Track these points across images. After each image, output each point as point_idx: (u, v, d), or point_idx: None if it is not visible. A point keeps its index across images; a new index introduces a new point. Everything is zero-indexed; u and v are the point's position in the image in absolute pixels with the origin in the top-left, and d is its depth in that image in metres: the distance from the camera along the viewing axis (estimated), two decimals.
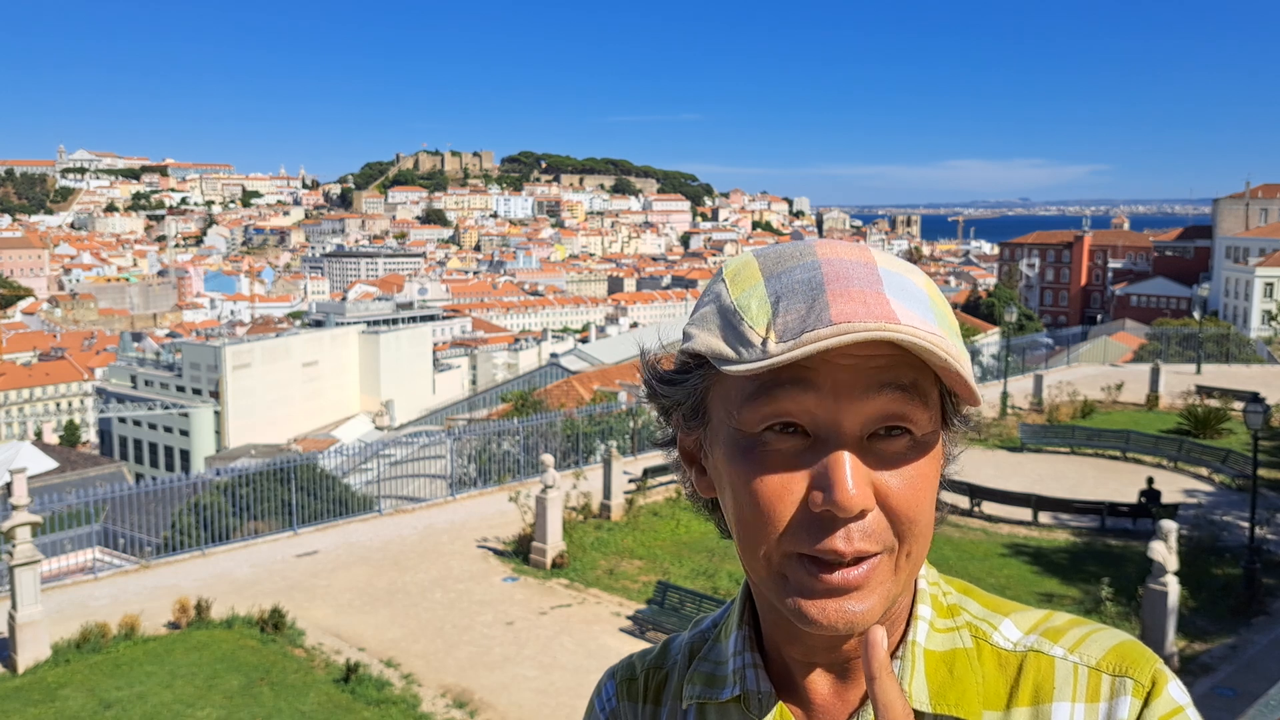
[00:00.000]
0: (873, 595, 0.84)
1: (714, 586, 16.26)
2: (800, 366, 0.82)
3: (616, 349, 67.00)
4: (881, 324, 0.79)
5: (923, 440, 0.85)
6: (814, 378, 0.82)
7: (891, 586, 0.86)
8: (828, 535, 0.82)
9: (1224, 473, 22.57)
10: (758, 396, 0.84)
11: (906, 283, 0.85)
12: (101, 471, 43.84)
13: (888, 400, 0.83)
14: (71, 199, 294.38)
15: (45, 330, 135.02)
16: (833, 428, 0.83)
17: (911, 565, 0.87)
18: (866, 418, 0.83)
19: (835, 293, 0.82)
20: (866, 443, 0.84)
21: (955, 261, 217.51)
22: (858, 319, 0.79)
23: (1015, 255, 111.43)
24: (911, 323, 0.80)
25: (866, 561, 0.84)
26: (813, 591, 0.84)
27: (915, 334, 0.79)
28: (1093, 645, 0.90)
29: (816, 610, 0.84)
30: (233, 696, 12.65)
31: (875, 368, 0.82)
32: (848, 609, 0.84)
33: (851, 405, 0.82)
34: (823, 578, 0.83)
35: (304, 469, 20.82)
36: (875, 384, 0.82)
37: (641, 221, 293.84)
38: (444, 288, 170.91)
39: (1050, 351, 42.68)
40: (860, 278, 0.84)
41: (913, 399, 0.83)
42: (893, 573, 0.86)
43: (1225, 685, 12.64)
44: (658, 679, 1.11)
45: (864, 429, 0.83)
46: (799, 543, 0.84)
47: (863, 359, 0.82)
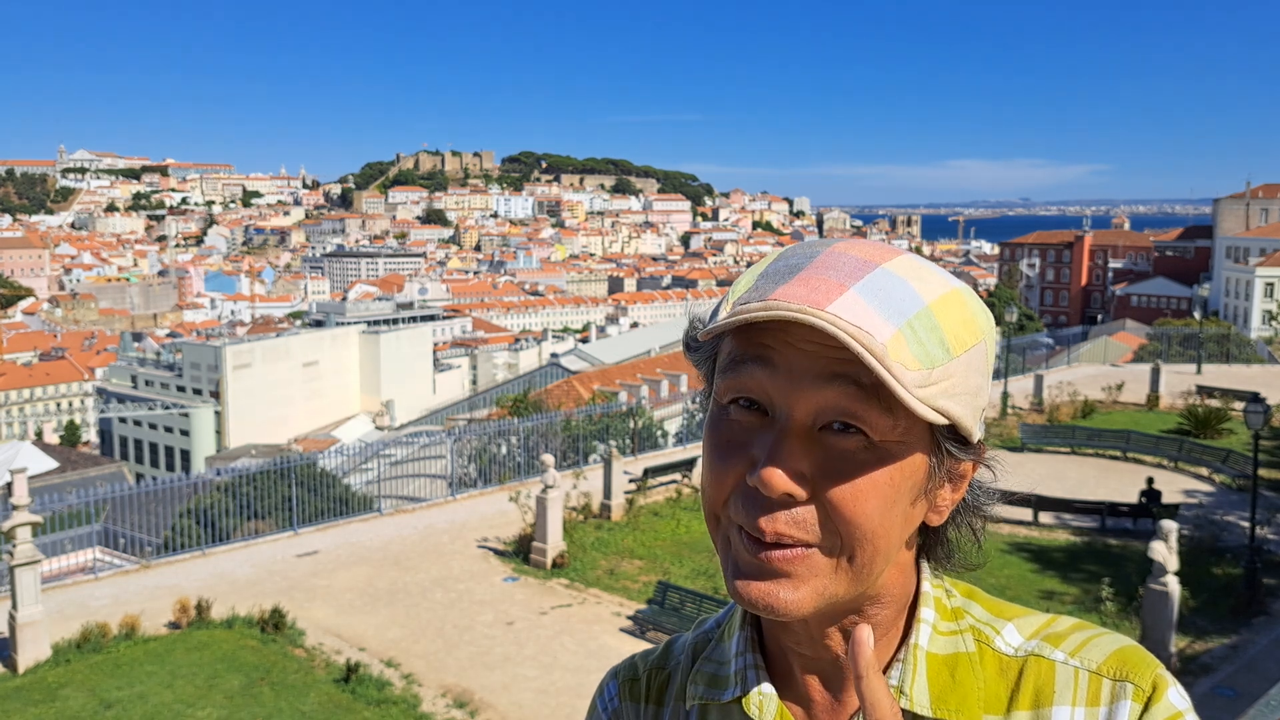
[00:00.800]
0: (804, 586, 0.85)
1: (715, 586, 16.25)
2: (764, 345, 0.84)
3: (617, 349, 67.03)
4: (802, 306, 0.80)
5: (882, 446, 0.84)
6: (774, 358, 0.84)
7: (829, 584, 0.85)
8: (757, 512, 0.84)
9: (1224, 473, 22.56)
10: (727, 370, 0.87)
11: (903, 289, 0.84)
12: (102, 471, 43.84)
13: (839, 393, 0.82)
14: (72, 199, 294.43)
15: (46, 330, 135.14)
16: (784, 409, 0.84)
17: (855, 573, 0.86)
18: (816, 406, 0.83)
19: (803, 277, 0.84)
20: (818, 433, 0.84)
21: (955, 261, 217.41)
22: (791, 299, 0.81)
23: (1015, 255, 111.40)
24: (841, 312, 0.80)
25: (795, 548, 0.84)
26: (741, 567, 0.86)
27: (830, 320, 0.79)
28: (1094, 650, 0.90)
29: (741, 585, 0.86)
30: (233, 696, 12.66)
31: (832, 358, 0.82)
32: (773, 593, 0.85)
33: (802, 391, 0.83)
34: (752, 554, 0.85)
35: (304, 469, 20.82)
36: (828, 374, 0.82)
37: (642, 221, 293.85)
38: (444, 288, 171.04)
39: (1050, 351, 42.68)
40: (842, 269, 0.84)
41: (869, 399, 0.82)
42: (830, 571, 0.85)
43: (1226, 685, 12.64)
44: (660, 679, 1.12)
45: (815, 418, 0.84)
46: (736, 512, 0.86)
47: (824, 348, 0.82)
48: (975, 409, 0.88)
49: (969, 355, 0.86)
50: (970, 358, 0.86)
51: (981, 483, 0.97)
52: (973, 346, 0.87)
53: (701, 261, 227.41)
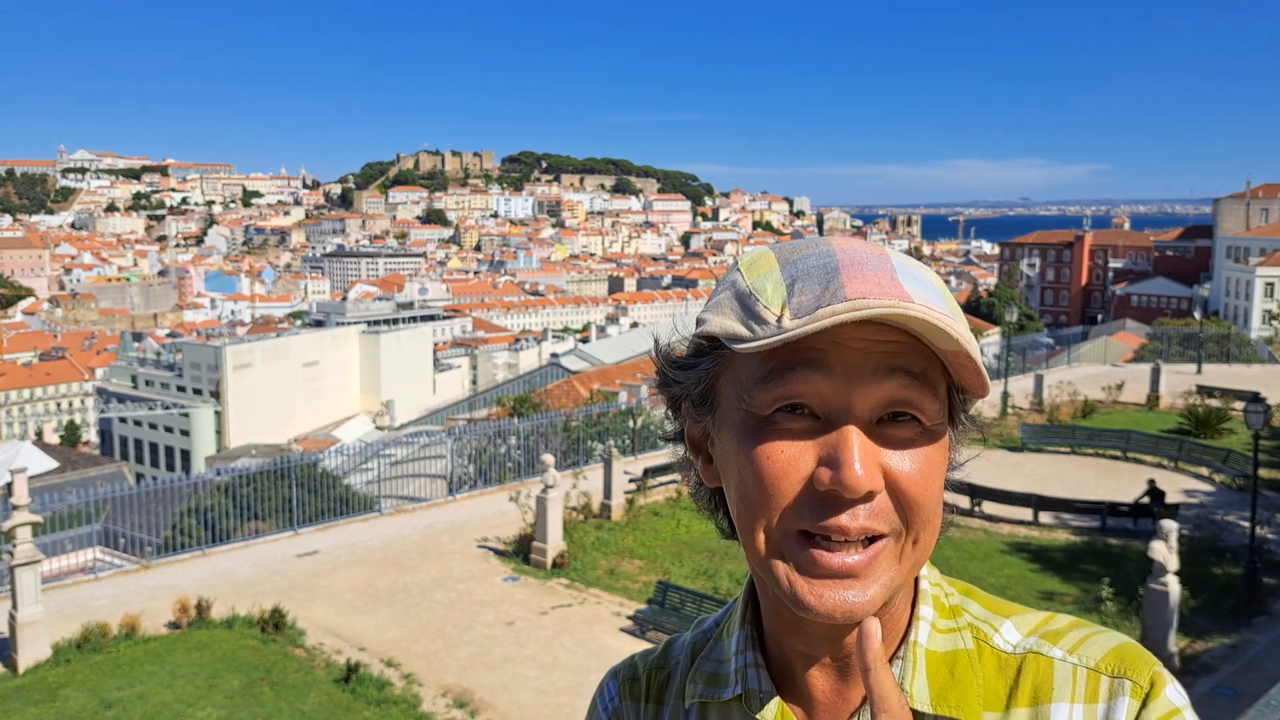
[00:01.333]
0: (874, 584, 0.85)
1: (715, 586, 16.26)
2: (811, 349, 0.84)
3: (617, 349, 67.01)
4: (897, 301, 0.80)
5: (930, 429, 0.86)
6: (825, 359, 0.84)
7: (895, 575, 0.86)
8: (833, 513, 0.83)
9: (1224, 472, 22.57)
10: (769, 378, 0.85)
11: (917, 273, 0.87)
12: (102, 471, 43.84)
13: (897, 385, 0.84)
14: (72, 199, 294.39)
15: (46, 330, 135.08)
16: (843, 409, 0.84)
17: (917, 554, 0.88)
18: (876, 401, 0.84)
19: (850, 275, 0.83)
20: (875, 427, 0.85)
21: (956, 261, 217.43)
22: (873, 297, 0.80)
23: (1016, 255, 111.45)
24: (926, 303, 0.81)
25: (872, 546, 0.84)
26: (811, 574, 0.84)
27: (929, 314, 0.80)
28: (1092, 647, 0.91)
29: (813, 596, 0.84)
30: (233, 696, 12.66)
31: (886, 352, 0.83)
32: (846, 598, 0.84)
33: (861, 388, 0.84)
34: (822, 560, 0.84)
35: (304, 469, 20.82)
36: (885, 368, 0.84)
37: (642, 221, 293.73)
38: (444, 288, 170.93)
39: (1051, 351, 42.69)
40: (874, 264, 0.85)
41: (922, 386, 0.84)
42: (897, 560, 0.86)
43: (1226, 685, 12.63)
44: (660, 679, 1.12)
45: (873, 412, 0.84)
46: (801, 519, 0.84)
47: (874, 343, 0.83)
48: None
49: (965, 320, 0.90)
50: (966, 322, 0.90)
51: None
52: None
53: (702, 261, 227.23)
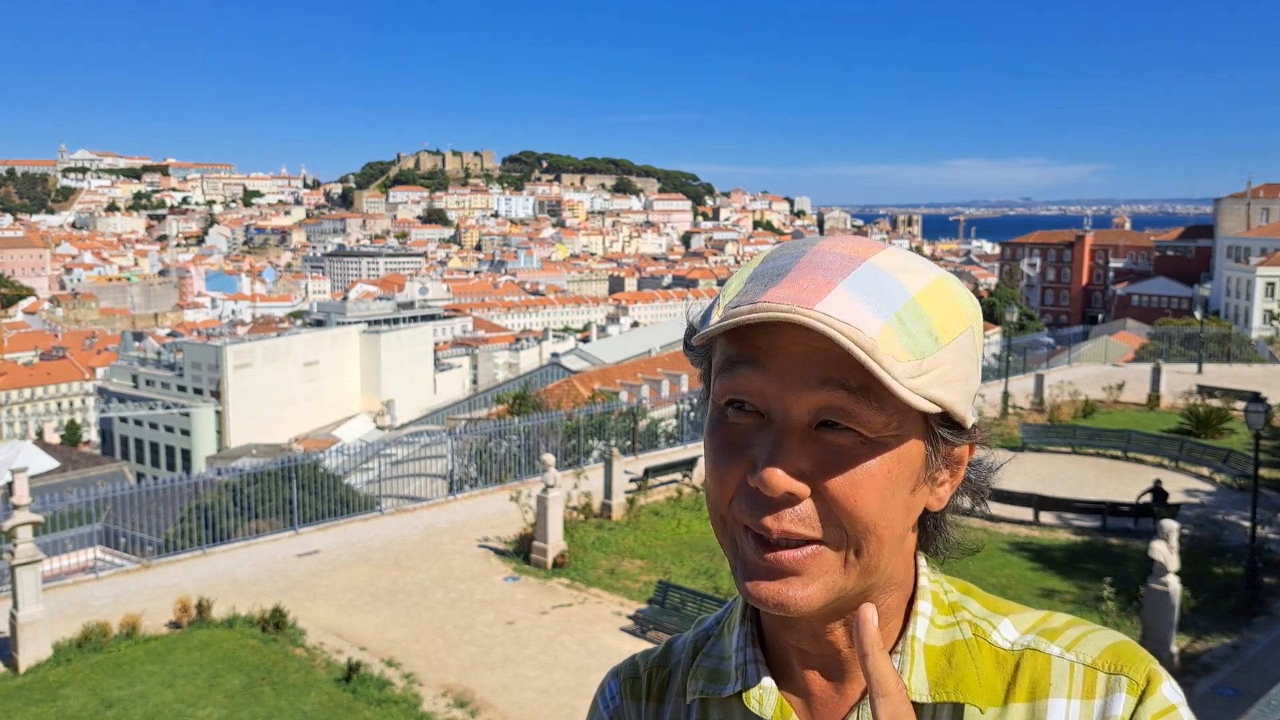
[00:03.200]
0: (814, 584, 0.86)
1: (715, 586, 16.25)
2: (755, 348, 0.86)
3: (617, 349, 67.07)
4: (792, 307, 0.81)
5: (874, 440, 0.85)
6: (765, 360, 0.85)
7: (839, 579, 0.87)
8: (761, 512, 0.85)
9: (1225, 472, 22.57)
10: (723, 372, 0.89)
11: (889, 282, 0.85)
12: (102, 471, 43.87)
13: (830, 394, 0.84)
14: (73, 199, 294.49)
15: (46, 330, 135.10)
16: (779, 411, 0.85)
17: (864, 566, 0.88)
18: (809, 407, 0.85)
19: (788, 279, 0.85)
20: (814, 431, 0.85)
21: (956, 261, 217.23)
22: (779, 301, 0.82)
23: (1016, 255, 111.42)
24: (830, 310, 0.81)
25: (805, 547, 0.86)
26: (753, 567, 0.87)
27: (818, 318, 0.80)
28: (1089, 644, 0.92)
29: (752, 585, 0.87)
30: (234, 696, 12.66)
31: (822, 362, 0.83)
32: (784, 592, 0.86)
33: (795, 392, 0.85)
34: (763, 555, 0.87)
35: (305, 468, 20.83)
36: (818, 378, 0.84)
37: (642, 221, 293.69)
38: (445, 287, 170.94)
39: (1051, 351, 42.69)
40: (829, 267, 0.86)
41: (859, 400, 0.83)
42: (839, 565, 0.87)
43: (1226, 685, 12.63)
44: (661, 678, 1.12)
45: (809, 417, 0.85)
46: (741, 513, 0.87)
47: (814, 349, 0.83)
48: (967, 395, 0.89)
49: (957, 343, 0.87)
50: (959, 345, 0.88)
51: (981, 461, 1.00)
52: (960, 334, 0.88)
53: (702, 261, 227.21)
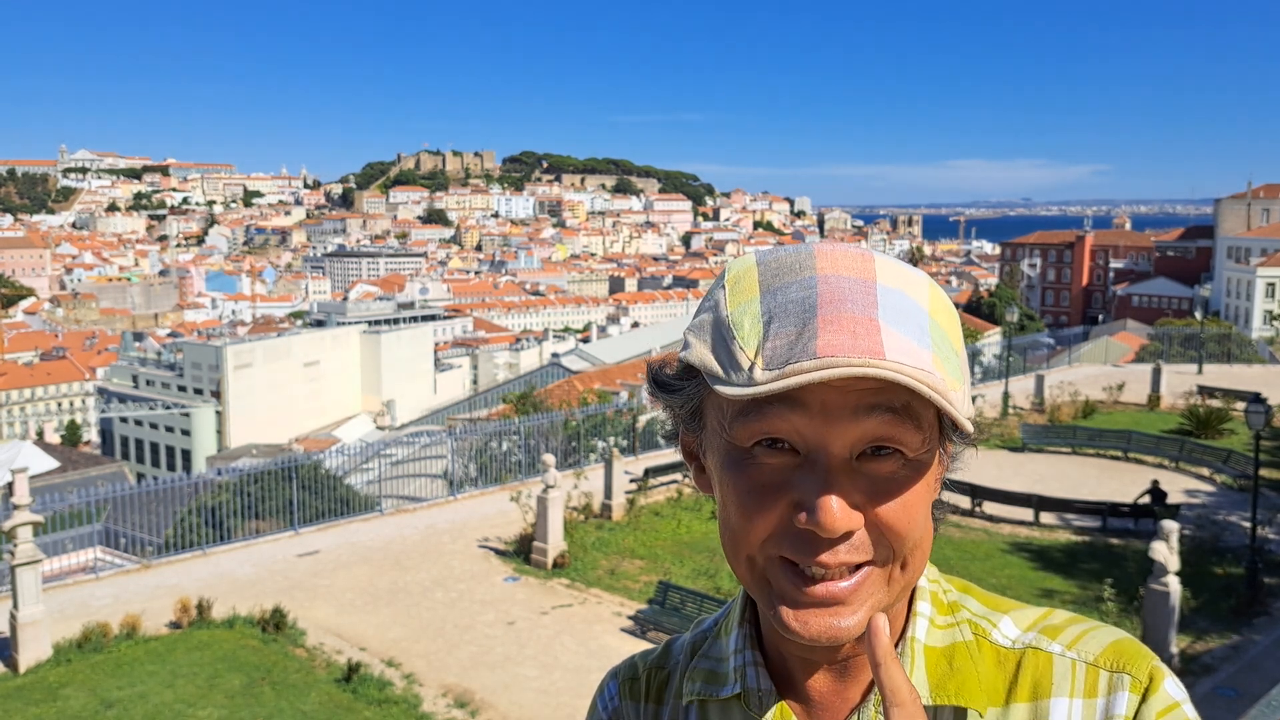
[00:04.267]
0: (861, 608, 0.85)
1: (715, 586, 16.25)
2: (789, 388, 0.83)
3: (618, 349, 67.03)
4: (866, 359, 0.78)
5: (915, 460, 0.85)
6: (803, 398, 0.82)
7: (882, 597, 0.86)
8: (812, 551, 0.83)
9: (1225, 473, 22.56)
10: (748, 414, 0.85)
11: (906, 302, 0.85)
12: (103, 471, 43.86)
13: (877, 423, 0.82)
14: (73, 199, 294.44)
15: (47, 330, 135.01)
16: (820, 448, 0.83)
17: (906, 578, 0.88)
18: (855, 438, 0.83)
19: (826, 319, 0.81)
20: (855, 462, 0.84)
21: (957, 261, 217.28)
22: (842, 352, 0.79)
23: (1016, 255, 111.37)
24: (899, 356, 0.79)
25: (856, 573, 0.84)
26: (796, 602, 0.85)
27: (901, 370, 0.78)
28: (1091, 642, 0.91)
29: (799, 624, 0.85)
30: (234, 696, 12.66)
31: (865, 390, 0.82)
32: (833, 624, 0.84)
33: (839, 427, 0.82)
34: (807, 590, 0.84)
35: (305, 469, 20.83)
36: (864, 406, 0.82)
37: (643, 221, 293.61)
38: (445, 287, 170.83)
39: (1051, 351, 42.68)
40: (855, 299, 0.83)
41: (903, 421, 0.83)
42: (885, 584, 0.86)
43: (1227, 685, 12.63)
44: (659, 679, 1.12)
45: (853, 449, 0.83)
46: (782, 548, 0.85)
47: (854, 380, 0.81)
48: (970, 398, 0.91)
49: (963, 350, 0.89)
50: (964, 352, 0.89)
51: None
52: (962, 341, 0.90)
53: (703, 261, 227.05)
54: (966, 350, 0.92)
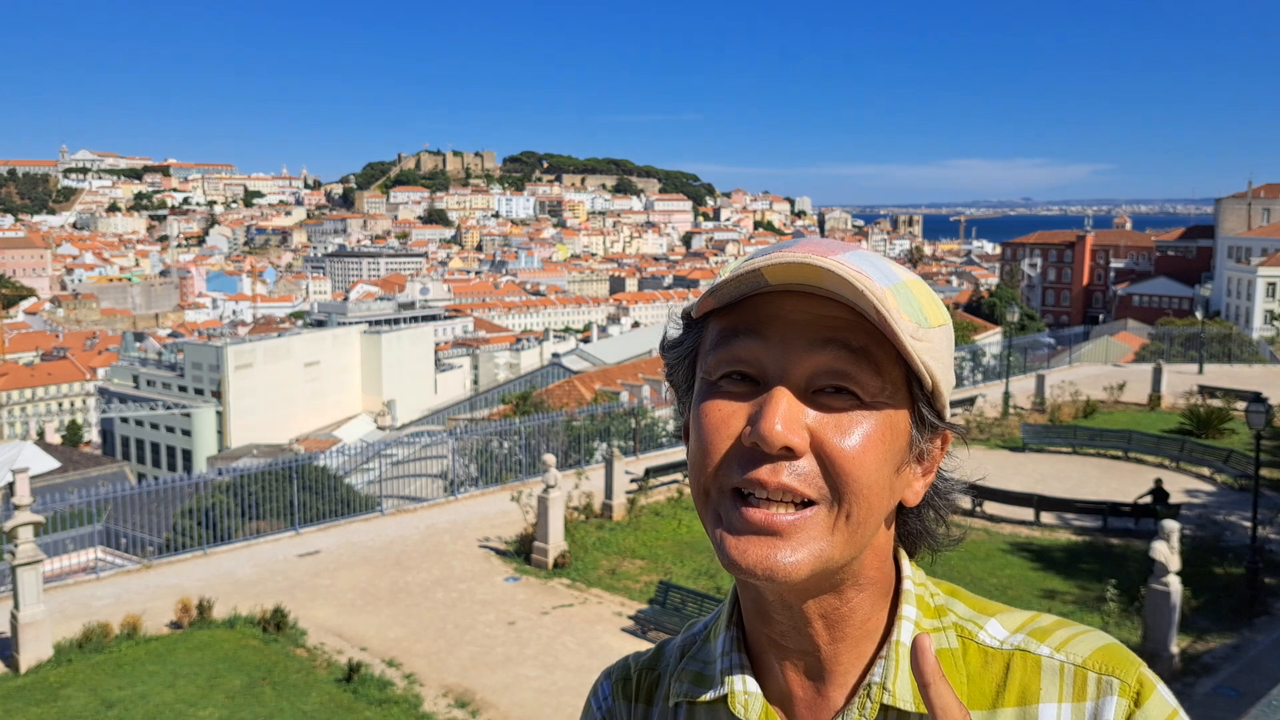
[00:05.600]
0: (802, 549, 0.85)
1: (716, 586, 16.25)
2: (755, 318, 0.89)
3: (618, 349, 67.05)
4: (808, 254, 0.84)
5: (870, 404, 0.87)
6: (765, 329, 0.88)
7: (826, 546, 0.86)
8: (757, 467, 0.85)
9: (1226, 473, 22.55)
10: (718, 345, 0.90)
11: (879, 261, 0.90)
12: (103, 471, 43.89)
13: (832, 356, 0.86)
14: (74, 199, 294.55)
15: (47, 330, 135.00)
16: (777, 374, 0.87)
17: (851, 530, 0.87)
18: (810, 369, 0.86)
19: (795, 246, 0.88)
20: (811, 395, 0.87)
21: (957, 261, 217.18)
22: (792, 254, 0.85)
23: (1017, 255, 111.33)
24: (849, 266, 0.84)
25: (801, 511, 0.85)
26: (735, 529, 0.87)
27: (840, 268, 0.82)
28: (1079, 645, 0.91)
29: (737, 551, 0.86)
30: (235, 696, 12.66)
31: (825, 325, 0.86)
32: (770, 555, 0.85)
33: (796, 355, 0.86)
34: (748, 515, 0.86)
35: (306, 469, 20.83)
36: (821, 339, 0.86)
37: (643, 221, 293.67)
38: (446, 288, 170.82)
39: (1052, 351, 42.68)
40: (828, 243, 0.89)
41: (860, 361, 0.86)
42: (829, 531, 0.86)
43: (1228, 685, 12.62)
44: (650, 680, 1.13)
45: (808, 380, 0.87)
46: (731, 474, 0.87)
47: (815, 316, 0.86)
48: (948, 383, 0.92)
49: (941, 331, 0.91)
50: (943, 334, 0.91)
51: (946, 470, 1.00)
52: (942, 325, 0.91)
53: (703, 261, 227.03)
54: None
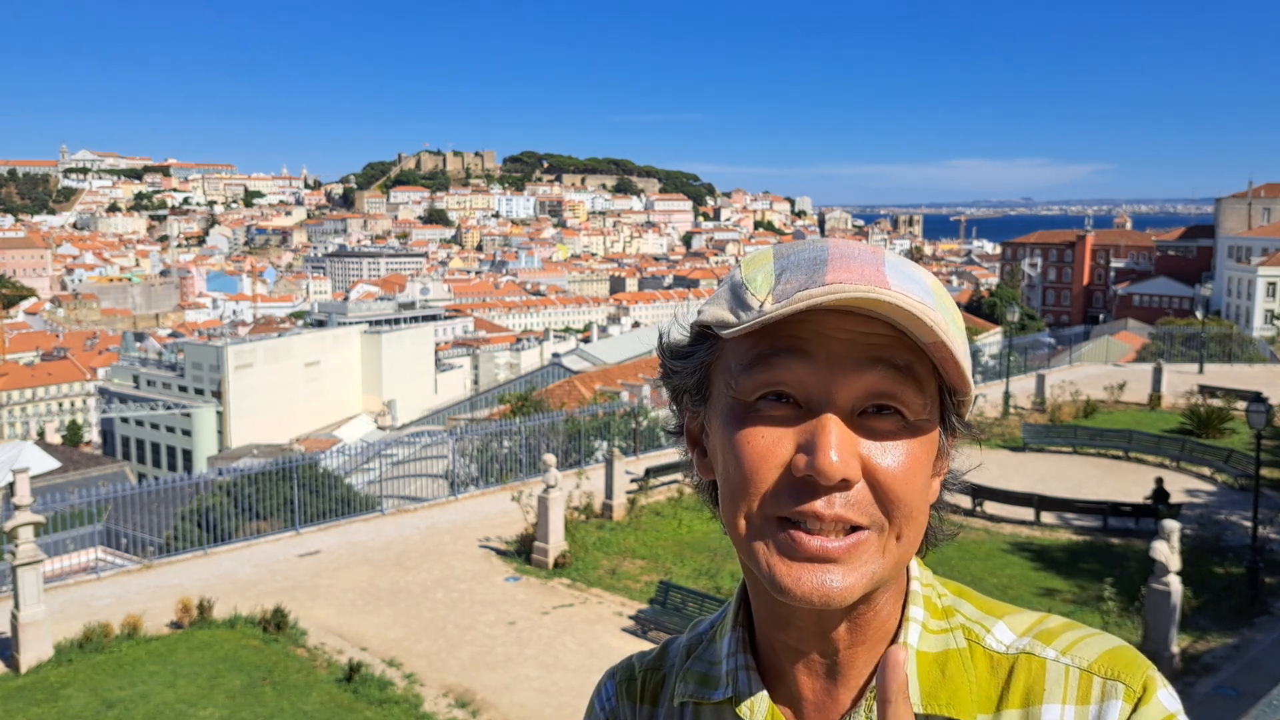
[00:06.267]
0: (854, 572, 0.84)
1: (716, 586, 16.25)
2: (796, 337, 0.85)
3: (618, 349, 67.04)
4: (871, 287, 0.80)
5: (914, 424, 0.86)
6: (808, 348, 0.84)
7: (877, 568, 0.86)
8: (809, 499, 0.83)
9: (1226, 472, 22.54)
10: (754, 365, 0.86)
11: (911, 271, 0.87)
12: (104, 471, 43.89)
13: (879, 377, 0.84)
14: (74, 199, 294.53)
15: (48, 330, 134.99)
16: (824, 398, 0.84)
17: (901, 550, 0.87)
18: (858, 391, 0.84)
19: (836, 265, 0.84)
20: (857, 418, 0.85)
21: (957, 261, 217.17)
22: (850, 283, 0.81)
23: (1017, 255, 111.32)
24: (904, 292, 0.81)
25: (852, 535, 0.84)
26: (790, 556, 0.84)
27: (905, 300, 0.80)
28: (1086, 648, 0.90)
29: (790, 579, 0.84)
30: (235, 696, 12.66)
31: (870, 344, 0.84)
32: (825, 581, 0.84)
33: (844, 377, 0.84)
34: (800, 542, 0.84)
35: (306, 469, 20.83)
36: (868, 359, 0.84)
37: (643, 221, 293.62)
38: (446, 288, 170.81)
39: (1052, 351, 42.71)
40: (863, 257, 0.86)
41: (905, 380, 0.84)
42: (880, 554, 0.86)
43: (1228, 685, 12.61)
44: (655, 680, 1.12)
45: (855, 403, 0.85)
46: (780, 504, 0.84)
47: (859, 334, 0.84)
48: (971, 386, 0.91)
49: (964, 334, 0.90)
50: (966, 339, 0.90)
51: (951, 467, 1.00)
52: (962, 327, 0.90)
53: (703, 261, 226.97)
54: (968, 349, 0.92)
